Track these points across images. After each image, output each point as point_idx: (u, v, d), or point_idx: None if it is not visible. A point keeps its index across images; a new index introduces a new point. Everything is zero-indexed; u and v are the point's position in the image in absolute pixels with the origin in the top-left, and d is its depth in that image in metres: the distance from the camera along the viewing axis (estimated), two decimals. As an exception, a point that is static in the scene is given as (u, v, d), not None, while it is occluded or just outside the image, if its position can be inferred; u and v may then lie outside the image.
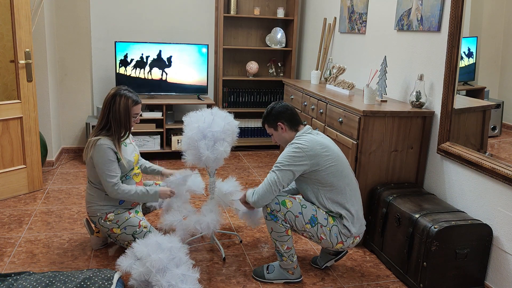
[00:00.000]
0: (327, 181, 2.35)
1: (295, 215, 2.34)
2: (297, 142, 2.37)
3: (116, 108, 2.57)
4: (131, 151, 2.72)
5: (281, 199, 2.36)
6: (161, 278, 2.17)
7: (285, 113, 2.48)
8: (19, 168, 3.56)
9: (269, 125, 2.54)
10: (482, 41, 2.61)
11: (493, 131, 2.49)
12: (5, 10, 3.39)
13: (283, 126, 2.48)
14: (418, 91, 2.88)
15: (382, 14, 3.50)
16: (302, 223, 2.35)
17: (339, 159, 2.39)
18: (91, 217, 2.69)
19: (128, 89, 2.66)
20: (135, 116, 2.66)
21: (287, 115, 2.48)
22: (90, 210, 2.66)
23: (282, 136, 2.51)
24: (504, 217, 2.33)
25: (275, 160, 4.68)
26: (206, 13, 5.05)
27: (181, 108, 5.09)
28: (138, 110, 2.66)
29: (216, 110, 2.77)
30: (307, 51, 5.12)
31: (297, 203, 2.36)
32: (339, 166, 2.37)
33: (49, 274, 2.24)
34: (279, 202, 2.35)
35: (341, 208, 2.36)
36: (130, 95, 2.62)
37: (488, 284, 2.44)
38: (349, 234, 2.38)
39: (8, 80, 3.58)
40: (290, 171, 2.32)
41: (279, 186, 2.33)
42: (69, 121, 4.60)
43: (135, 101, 2.63)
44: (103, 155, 2.52)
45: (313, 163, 2.32)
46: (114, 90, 2.63)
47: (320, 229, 2.35)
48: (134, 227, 2.63)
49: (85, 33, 4.50)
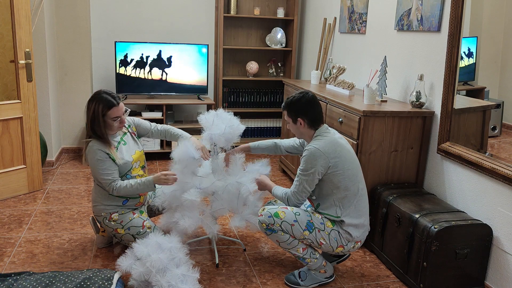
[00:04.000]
0: (343, 184, 2.29)
1: (291, 224, 2.30)
2: (315, 146, 2.28)
3: (90, 114, 2.53)
4: (128, 150, 2.67)
5: (273, 211, 2.32)
6: (161, 278, 2.17)
7: (310, 109, 2.34)
8: (19, 168, 3.56)
9: (289, 115, 2.40)
10: (482, 41, 2.61)
11: (493, 131, 2.49)
12: (5, 10, 3.39)
13: (303, 122, 2.36)
14: (418, 91, 2.88)
15: (382, 14, 3.50)
16: (300, 231, 2.30)
17: (355, 163, 2.35)
18: (96, 217, 2.70)
19: (106, 92, 2.54)
20: (115, 119, 2.54)
21: (311, 114, 2.34)
22: (95, 210, 2.67)
23: (299, 130, 2.40)
24: (504, 217, 2.33)
25: (275, 160, 4.68)
26: (206, 13, 5.05)
27: (181, 108, 5.09)
28: (116, 113, 2.53)
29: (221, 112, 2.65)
30: (307, 51, 5.12)
31: (289, 212, 2.32)
32: (354, 170, 2.33)
33: (49, 274, 2.24)
34: (271, 215, 2.31)
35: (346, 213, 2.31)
36: (104, 100, 2.50)
37: (488, 284, 2.44)
38: (350, 238, 2.34)
39: (8, 80, 3.58)
40: (314, 174, 2.28)
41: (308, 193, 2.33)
42: (69, 121, 4.60)
43: (107, 106, 2.49)
44: (93, 157, 2.52)
45: (333, 163, 2.27)
46: (91, 96, 2.56)
47: (319, 233, 2.31)
48: (137, 227, 2.62)
49: (85, 33, 4.50)
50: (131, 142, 2.74)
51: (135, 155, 2.70)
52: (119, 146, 2.64)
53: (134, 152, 2.71)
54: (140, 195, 2.69)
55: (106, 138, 2.54)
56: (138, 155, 2.72)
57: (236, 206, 2.58)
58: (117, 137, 2.66)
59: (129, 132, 2.76)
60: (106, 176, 2.52)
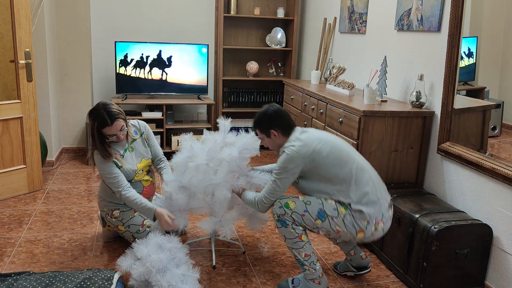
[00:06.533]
0: (331, 173, 2.22)
1: (301, 214, 2.24)
2: (291, 146, 2.25)
3: (89, 128, 2.57)
4: (134, 158, 2.70)
5: (284, 201, 2.28)
6: (161, 278, 2.17)
7: (278, 119, 2.35)
8: (19, 168, 3.56)
9: (261, 131, 2.41)
10: (482, 41, 2.61)
11: (493, 131, 2.49)
12: (5, 10, 3.39)
13: (277, 133, 2.35)
14: (418, 91, 2.88)
15: (382, 14, 3.50)
16: (312, 221, 2.23)
17: (335, 146, 2.26)
18: (100, 211, 2.78)
19: (106, 107, 2.52)
20: (111, 136, 2.54)
21: (281, 122, 2.35)
22: (100, 205, 2.75)
23: (276, 142, 2.40)
24: (504, 217, 2.33)
25: (275, 160, 4.67)
26: (206, 13, 5.05)
27: (181, 108, 5.09)
28: (110, 131, 2.52)
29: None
30: (307, 51, 5.12)
31: (300, 202, 2.26)
32: (337, 153, 2.24)
33: (49, 274, 2.24)
34: (282, 205, 2.27)
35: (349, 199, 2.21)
36: (98, 118, 2.49)
37: (488, 284, 2.44)
38: (364, 216, 2.18)
39: (8, 80, 3.58)
40: (287, 178, 2.26)
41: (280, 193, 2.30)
42: (69, 121, 4.60)
43: (100, 125, 2.49)
44: (98, 164, 2.57)
45: (310, 160, 2.22)
46: (90, 109, 2.56)
47: (332, 221, 2.21)
48: (137, 226, 2.67)
49: (85, 33, 4.50)
50: (141, 149, 2.76)
51: (141, 164, 2.73)
52: (125, 153, 2.67)
53: (140, 161, 2.73)
54: None
55: (106, 151, 2.56)
56: (143, 164, 2.75)
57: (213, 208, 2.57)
58: (124, 145, 2.68)
59: (141, 138, 2.79)
60: (113, 180, 2.55)
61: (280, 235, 2.36)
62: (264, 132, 2.40)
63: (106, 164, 2.55)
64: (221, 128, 2.64)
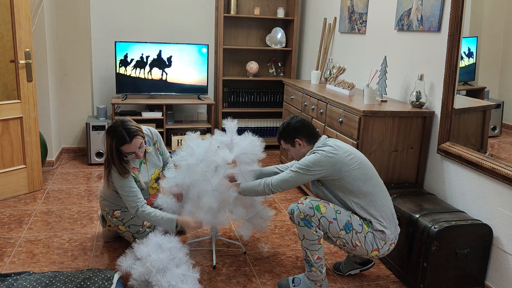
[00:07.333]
0: (354, 186, 2.26)
1: (329, 221, 2.24)
2: (321, 150, 2.29)
3: (107, 147, 2.51)
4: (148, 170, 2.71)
5: (315, 204, 2.26)
6: (161, 278, 2.17)
7: (303, 128, 2.39)
8: (19, 168, 3.56)
9: (286, 141, 2.44)
10: (482, 41, 2.61)
11: (493, 131, 2.49)
12: (5, 10, 3.39)
13: (301, 142, 2.39)
14: (418, 91, 2.88)
15: (382, 14, 3.50)
16: (337, 230, 2.25)
17: (362, 162, 2.32)
18: (101, 210, 2.77)
19: (124, 124, 2.48)
20: (129, 153, 2.51)
21: (306, 131, 2.39)
22: (101, 204, 2.74)
23: (300, 151, 2.42)
24: (504, 217, 2.33)
25: (275, 160, 4.68)
26: (206, 13, 5.05)
27: (181, 108, 5.09)
28: (129, 149, 2.48)
29: None
30: (307, 51, 5.12)
31: (331, 208, 2.26)
32: (363, 169, 2.29)
33: (49, 274, 2.24)
34: (313, 206, 2.25)
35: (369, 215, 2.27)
36: (117, 136, 2.45)
37: (488, 284, 2.44)
38: (384, 237, 2.27)
39: (8, 80, 3.58)
40: (304, 176, 2.28)
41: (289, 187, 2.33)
42: (69, 121, 4.60)
43: (119, 143, 2.46)
44: (116, 182, 2.53)
45: (334, 169, 2.24)
46: (109, 126, 2.52)
47: (355, 235, 2.25)
48: (137, 226, 2.68)
49: (85, 33, 4.50)
50: (154, 159, 2.77)
51: (154, 174, 2.75)
52: (141, 166, 2.68)
53: (154, 171, 2.75)
54: None
55: (124, 168, 2.52)
56: (156, 174, 2.76)
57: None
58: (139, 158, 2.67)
59: (154, 147, 2.79)
60: (131, 196, 2.51)
61: (298, 233, 2.33)
62: (289, 141, 2.43)
63: (125, 181, 2.52)
64: (227, 130, 2.66)
